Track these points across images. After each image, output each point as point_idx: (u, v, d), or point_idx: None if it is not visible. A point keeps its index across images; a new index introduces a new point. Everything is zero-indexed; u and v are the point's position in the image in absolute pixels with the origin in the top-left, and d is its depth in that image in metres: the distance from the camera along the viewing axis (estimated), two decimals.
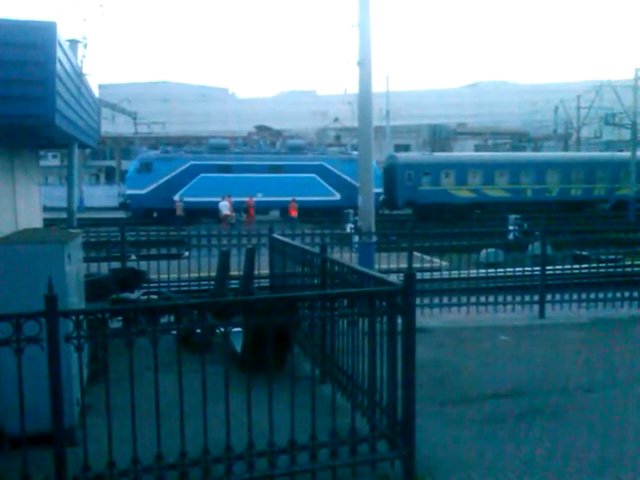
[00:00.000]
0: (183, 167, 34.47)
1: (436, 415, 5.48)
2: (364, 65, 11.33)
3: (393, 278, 4.84)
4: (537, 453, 4.78)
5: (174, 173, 34.24)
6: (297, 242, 8.58)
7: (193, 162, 34.62)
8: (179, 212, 31.81)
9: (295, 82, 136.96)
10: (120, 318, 4.31)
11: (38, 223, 7.82)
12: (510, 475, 4.44)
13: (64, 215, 18.32)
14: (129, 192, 34.61)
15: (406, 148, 58.62)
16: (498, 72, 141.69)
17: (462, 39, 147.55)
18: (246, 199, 32.30)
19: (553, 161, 39.47)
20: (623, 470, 4.50)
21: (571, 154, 45.98)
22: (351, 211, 26.59)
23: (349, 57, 12.02)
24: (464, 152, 51.47)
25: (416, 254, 10.51)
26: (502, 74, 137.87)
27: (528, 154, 46.91)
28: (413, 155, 42.61)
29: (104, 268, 9.22)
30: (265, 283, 9.52)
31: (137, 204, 33.78)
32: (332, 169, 36.02)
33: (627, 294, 9.91)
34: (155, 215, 33.67)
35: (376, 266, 10.13)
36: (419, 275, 5.78)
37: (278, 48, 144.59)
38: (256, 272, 8.95)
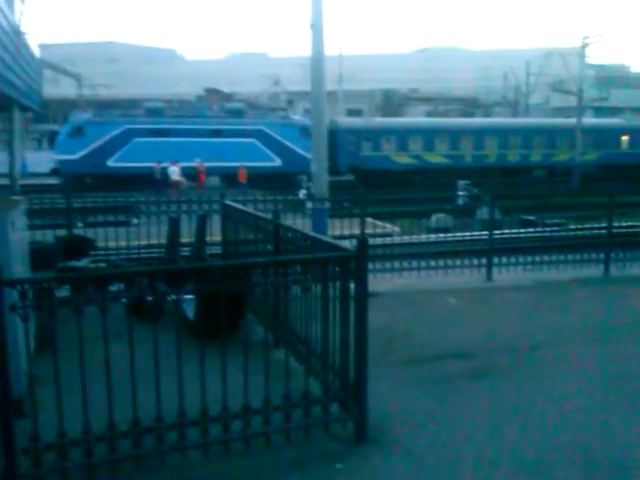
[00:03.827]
0: (117, 131, 33.12)
1: (388, 377, 5.60)
2: (317, 28, 11.17)
3: (346, 244, 4.87)
4: (485, 411, 4.96)
5: (107, 137, 32.86)
6: (249, 208, 8.51)
7: (127, 126, 33.28)
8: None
9: (245, 44, 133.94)
10: (68, 287, 4.20)
11: None
12: (459, 432, 4.60)
13: (6, 181, 17.64)
14: (59, 157, 32.95)
15: (358, 113, 58.42)
16: (448, 38, 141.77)
17: (413, 3, 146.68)
18: (196, 164, 31.60)
19: (491, 127, 39.84)
20: (564, 423, 4.72)
21: (509, 120, 46.40)
22: (304, 177, 26.46)
23: (301, 20, 11.81)
24: (415, 117, 51.57)
25: (368, 220, 10.59)
26: (452, 40, 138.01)
27: (467, 120, 46.88)
28: (354, 120, 42.16)
29: (49, 236, 8.96)
30: (217, 250, 9.44)
31: (69, 170, 32.15)
32: (272, 134, 35.14)
33: (570, 257, 10.25)
34: (88, 181, 32.05)
35: (329, 232, 10.18)
36: (371, 241, 5.84)
37: (227, 9, 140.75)
38: (208, 239, 8.86)
